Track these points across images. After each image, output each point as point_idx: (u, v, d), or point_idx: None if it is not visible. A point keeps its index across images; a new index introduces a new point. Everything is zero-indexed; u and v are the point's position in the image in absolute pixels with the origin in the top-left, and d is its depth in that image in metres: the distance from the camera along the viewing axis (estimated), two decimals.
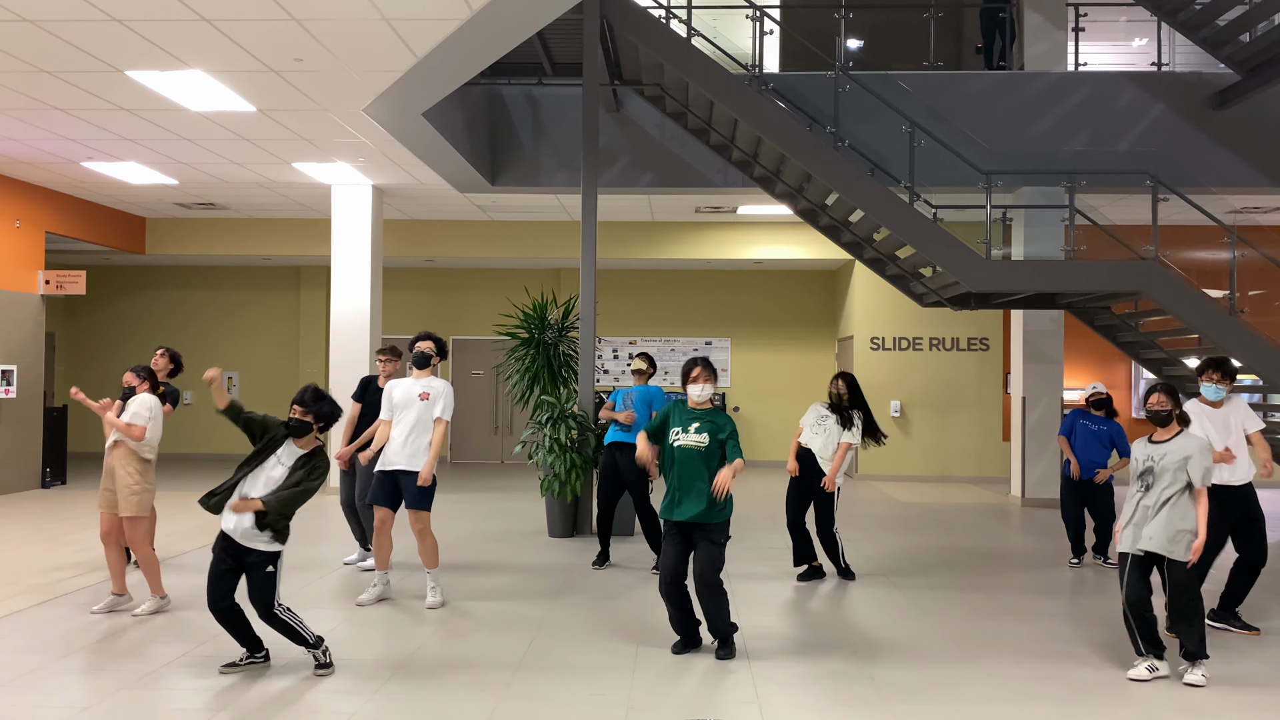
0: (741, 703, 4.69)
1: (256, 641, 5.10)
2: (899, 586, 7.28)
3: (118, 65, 7.71)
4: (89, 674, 5.00)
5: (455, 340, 17.08)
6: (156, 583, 6.28)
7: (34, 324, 12.44)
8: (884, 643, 5.77)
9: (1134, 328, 10.09)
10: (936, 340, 14.69)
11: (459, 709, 4.56)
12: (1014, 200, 11.11)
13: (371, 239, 12.30)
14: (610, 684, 4.94)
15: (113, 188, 12.52)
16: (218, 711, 4.46)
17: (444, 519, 10.32)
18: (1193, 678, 5.03)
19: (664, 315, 16.88)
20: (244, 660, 5.10)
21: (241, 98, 8.54)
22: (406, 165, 11.06)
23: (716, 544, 5.34)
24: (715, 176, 11.41)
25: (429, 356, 6.64)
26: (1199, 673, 5.05)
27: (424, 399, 6.50)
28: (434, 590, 6.56)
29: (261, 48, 7.31)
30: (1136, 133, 10.82)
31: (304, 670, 5.08)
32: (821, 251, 14.72)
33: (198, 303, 17.22)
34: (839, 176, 8.93)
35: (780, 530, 9.57)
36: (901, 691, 4.88)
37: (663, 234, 14.99)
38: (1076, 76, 10.93)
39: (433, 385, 6.54)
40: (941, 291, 10.12)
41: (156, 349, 7.29)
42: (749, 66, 9.52)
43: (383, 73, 7.89)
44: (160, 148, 10.35)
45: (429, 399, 6.49)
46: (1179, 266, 9.51)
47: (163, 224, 15.00)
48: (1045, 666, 5.32)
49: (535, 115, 11.56)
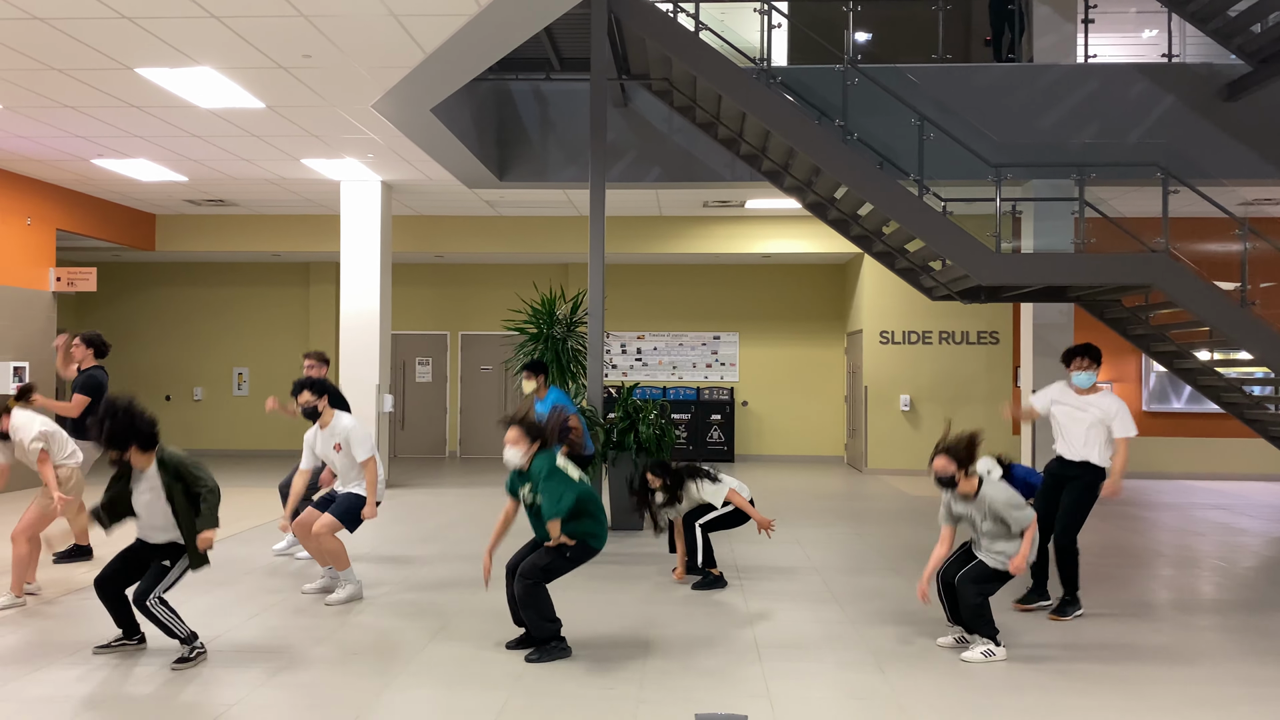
0: (752, 696, 4.70)
1: (134, 625, 5.29)
2: (909, 580, 7.27)
3: (127, 62, 7.73)
4: None
5: (464, 335, 17.11)
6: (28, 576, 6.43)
7: (45, 321, 12.49)
8: (893, 637, 5.77)
9: (1144, 321, 10.05)
10: (946, 334, 14.66)
11: (470, 704, 4.58)
12: (1023, 193, 11.07)
13: (380, 235, 12.32)
14: (620, 678, 4.95)
15: (123, 185, 12.56)
16: (263, 689, 4.48)
17: (454, 512, 10.36)
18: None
19: (672, 310, 16.87)
20: (116, 641, 5.25)
21: (251, 94, 8.56)
22: (415, 161, 11.07)
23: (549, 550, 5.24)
24: (723, 171, 11.39)
25: (314, 410, 6.41)
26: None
27: (338, 450, 6.40)
28: (343, 585, 6.47)
29: (270, 44, 7.33)
30: (1147, 125, 10.76)
31: (321, 665, 5.10)
32: (830, 245, 14.70)
33: (208, 299, 17.28)
34: (848, 170, 8.90)
35: (786, 527, 9.56)
36: (912, 686, 4.89)
37: (671, 228, 14.98)
38: (1086, 68, 10.88)
39: (338, 432, 6.37)
40: (951, 285, 10.09)
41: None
42: (757, 60, 9.49)
43: (391, 69, 7.90)
44: (170, 144, 10.38)
45: (343, 449, 6.39)
46: (1190, 259, 9.46)
47: (172, 221, 15.05)
48: (1065, 659, 5.33)
49: (543, 110, 11.56)
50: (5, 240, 11.81)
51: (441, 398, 17.10)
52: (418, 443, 17.09)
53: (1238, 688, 4.92)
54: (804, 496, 11.99)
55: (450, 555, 8.11)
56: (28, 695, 4.60)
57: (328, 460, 6.51)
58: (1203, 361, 9.67)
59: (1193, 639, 5.80)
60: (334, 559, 6.43)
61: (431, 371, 17.15)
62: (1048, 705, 4.61)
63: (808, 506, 11.13)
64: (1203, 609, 6.56)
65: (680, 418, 16.27)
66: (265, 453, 16.44)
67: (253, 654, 5.28)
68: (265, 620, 5.98)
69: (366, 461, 6.33)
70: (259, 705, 4.50)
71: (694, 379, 16.81)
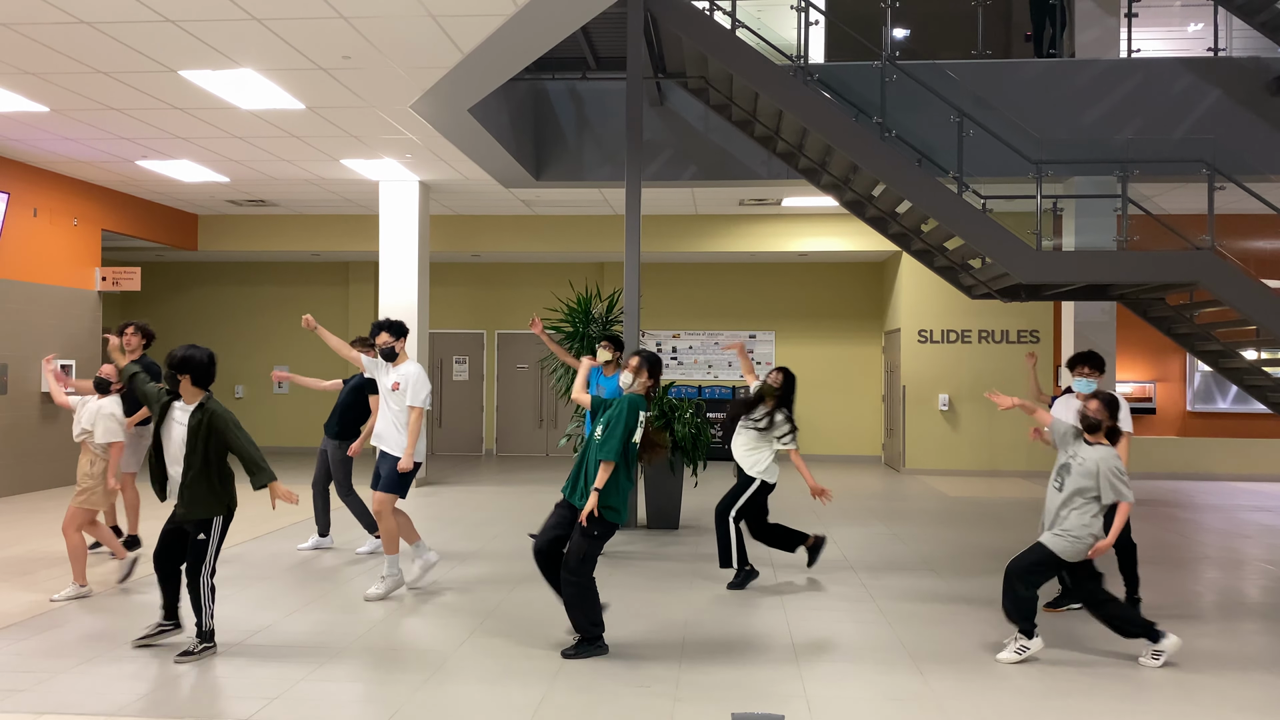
0: (789, 696, 4.68)
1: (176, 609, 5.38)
2: (947, 581, 7.21)
3: (171, 65, 7.84)
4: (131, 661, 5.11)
5: (500, 334, 17.19)
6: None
7: (91, 320, 12.72)
8: (932, 638, 5.72)
9: (1189, 319, 9.87)
10: (985, 333, 14.50)
11: (508, 699, 4.60)
12: (1065, 190, 10.92)
13: (418, 234, 12.41)
14: (657, 676, 4.95)
15: (166, 185, 12.76)
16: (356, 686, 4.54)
17: (488, 510, 10.41)
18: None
19: (708, 309, 16.84)
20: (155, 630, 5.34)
21: (291, 95, 8.65)
22: (452, 161, 11.14)
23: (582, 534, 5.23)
24: (759, 168, 11.35)
25: (392, 350, 6.59)
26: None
27: (395, 389, 6.53)
28: (381, 579, 6.51)
29: (311, 46, 7.40)
30: (1192, 120, 10.58)
31: (362, 655, 5.15)
32: (868, 243, 14.60)
33: (249, 298, 17.50)
34: (886, 167, 8.84)
35: (823, 526, 9.51)
36: (951, 689, 4.84)
37: (706, 227, 14.95)
38: (1129, 63, 10.71)
39: (402, 373, 6.56)
40: (991, 283, 9.98)
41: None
42: (794, 57, 9.45)
43: (429, 69, 7.96)
44: (212, 145, 10.52)
45: (400, 389, 6.52)
46: (1236, 256, 9.29)
47: (214, 221, 15.26)
48: (1101, 663, 5.25)
49: (579, 110, 11.58)
50: (52, 241, 12.04)
51: (478, 396, 17.20)
52: (454, 441, 17.20)
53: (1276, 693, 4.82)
54: (841, 496, 11.92)
55: (487, 553, 8.15)
56: (79, 686, 4.68)
57: (382, 395, 6.61)
58: (1250, 361, 9.48)
59: (1240, 643, 5.70)
60: (389, 540, 6.50)
61: (469, 370, 17.25)
62: (1090, 710, 4.55)
63: (845, 506, 11.07)
64: (1250, 613, 6.44)
65: (715, 417, 16.23)
66: (305, 450, 16.62)
67: (291, 650, 5.34)
68: (304, 617, 6.05)
69: (415, 408, 6.44)
70: (297, 700, 4.55)
71: (730, 378, 16.77)
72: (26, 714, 4.33)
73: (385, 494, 6.46)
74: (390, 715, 4.38)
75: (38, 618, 5.92)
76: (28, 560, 7.61)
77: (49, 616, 5.95)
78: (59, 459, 12.03)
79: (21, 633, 5.60)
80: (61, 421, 12.02)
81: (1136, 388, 14.60)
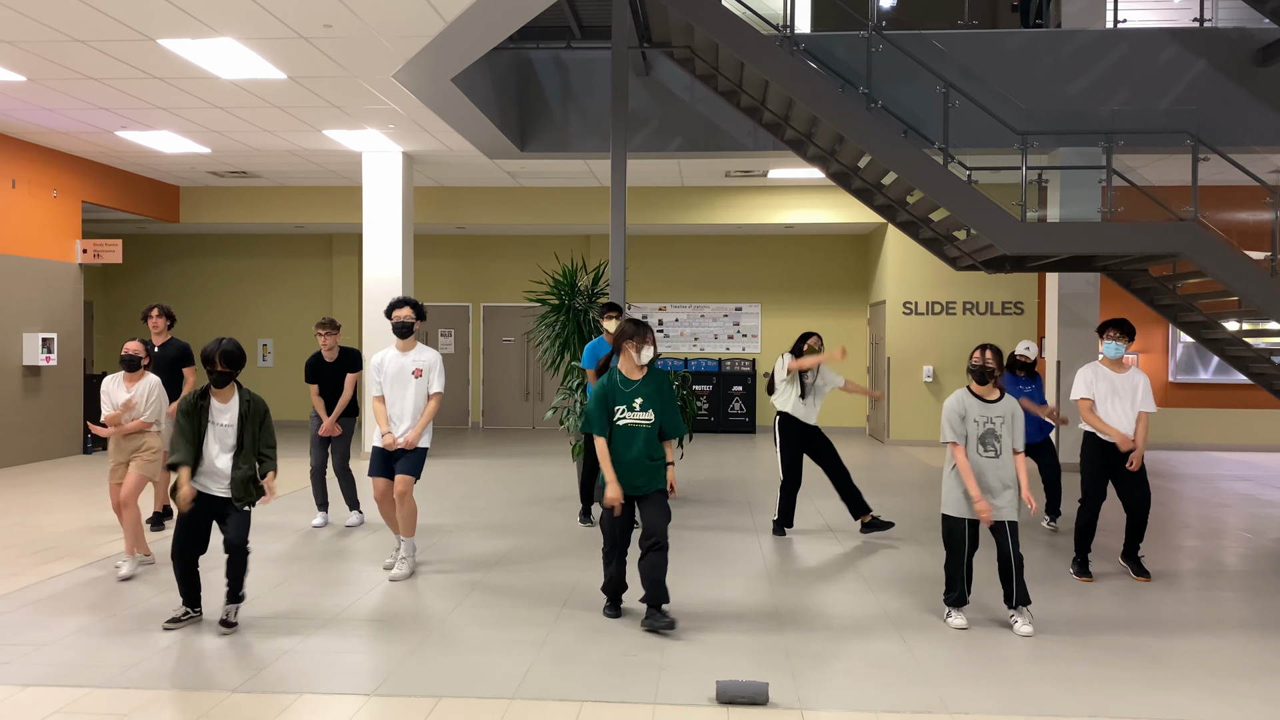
0: (774, 664, 4.72)
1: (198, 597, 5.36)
2: (930, 550, 7.27)
3: (149, 34, 7.74)
4: (126, 634, 5.12)
5: (486, 307, 17.15)
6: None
7: (72, 293, 12.62)
8: (916, 607, 5.78)
9: (1172, 290, 9.92)
10: (970, 304, 14.55)
11: (495, 670, 4.63)
12: (1050, 161, 10.94)
13: (402, 206, 12.33)
14: (642, 645, 4.99)
15: (147, 157, 12.62)
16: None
17: (475, 483, 10.42)
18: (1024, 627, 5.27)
19: (694, 281, 16.83)
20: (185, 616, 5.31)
21: (272, 65, 8.55)
22: (436, 132, 11.06)
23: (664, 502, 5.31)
24: (745, 140, 11.31)
25: (410, 325, 6.43)
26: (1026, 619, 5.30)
27: (417, 375, 6.39)
28: (403, 560, 6.43)
29: (291, 14, 7.31)
30: (1177, 91, 10.59)
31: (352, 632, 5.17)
32: (853, 215, 14.59)
33: (232, 270, 17.39)
34: (872, 138, 8.81)
35: (808, 497, 9.57)
36: (935, 655, 4.90)
37: (693, 199, 14.91)
38: (1115, 34, 10.70)
39: (423, 358, 6.42)
40: (975, 255, 9.99)
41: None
42: (780, 27, 9.39)
43: (412, 38, 7.87)
44: (193, 116, 10.40)
45: (422, 375, 6.40)
46: (1219, 228, 9.32)
47: (196, 193, 15.12)
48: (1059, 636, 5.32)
49: (564, 80, 11.50)
50: (32, 213, 11.91)
51: (464, 369, 17.17)
52: (441, 414, 17.18)
53: (1265, 658, 4.90)
54: None
55: (474, 525, 8.17)
56: (105, 660, 4.69)
57: (400, 385, 6.36)
58: (1231, 332, 9.55)
59: (1219, 610, 5.77)
60: (411, 521, 6.43)
61: (454, 343, 17.22)
62: (1071, 675, 4.61)
63: None
64: (1229, 580, 6.52)
65: (702, 389, 16.27)
66: (290, 423, 16.57)
67: (283, 620, 5.36)
68: (294, 588, 6.06)
69: (437, 395, 6.41)
70: (285, 670, 4.57)
71: (716, 350, 16.79)
72: (70, 687, 4.34)
73: (411, 476, 6.36)
74: (377, 685, 4.41)
75: (30, 589, 5.92)
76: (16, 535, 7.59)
77: (60, 588, 5.95)
78: (40, 432, 11.97)
79: (49, 607, 5.59)
80: (42, 394, 11.95)
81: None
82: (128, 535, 6.34)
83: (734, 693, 4.21)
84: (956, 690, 4.41)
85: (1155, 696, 4.36)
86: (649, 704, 4.22)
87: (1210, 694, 4.40)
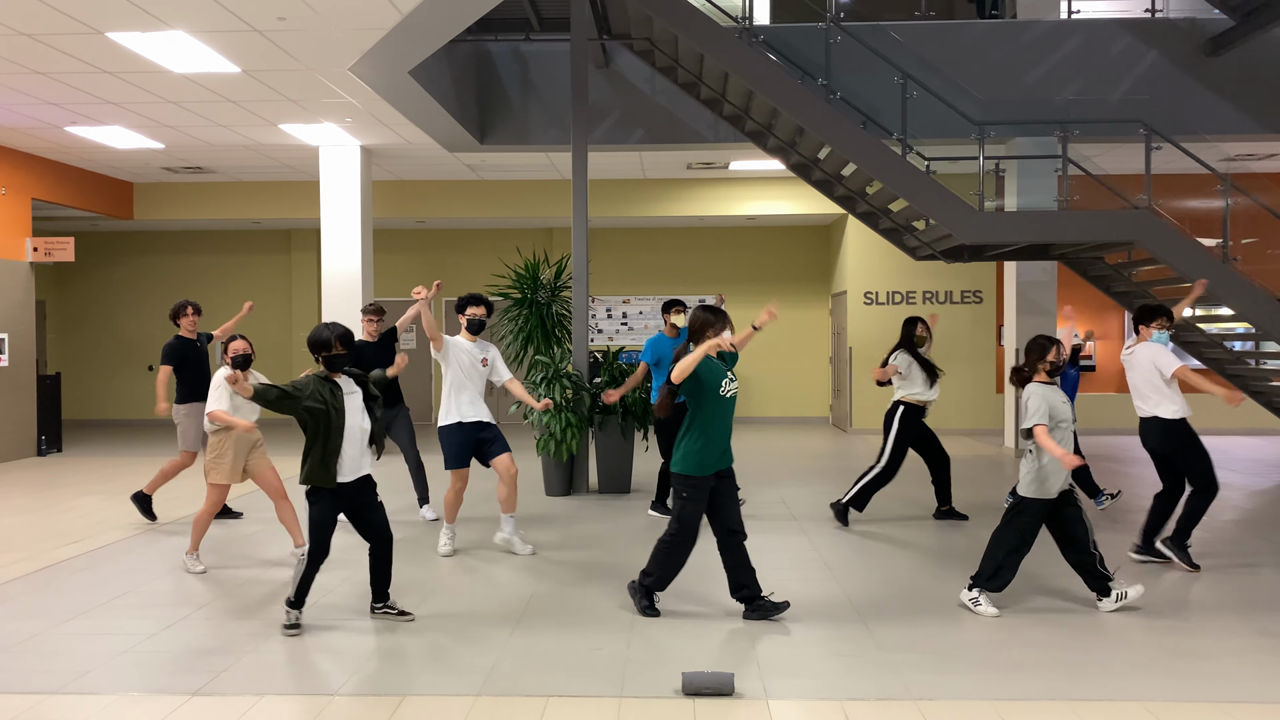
0: (739, 653, 4.73)
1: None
2: (891, 538, 7.33)
3: (97, 26, 7.59)
4: (94, 637, 5.04)
5: (449, 302, 17.03)
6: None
7: (24, 292, 12.37)
8: (878, 593, 5.82)
9: (1127, 278, 10.08)
10: (930, 293, 14.67)
11: (460, 664, 4.60)
12: (1007, 151, 11.05)
13: (361, 200, 12.21)
14: (608, 638, 4.98)
15: (98, 152, 12.39)
16: None
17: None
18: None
19: (657, 273, 16.82)
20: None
21: (225, 58, 8.42)
22: (394, 125, 10.95)
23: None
24: (707, 132, 11.32)
25: (484, 323, 6.81)
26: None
27: (484, 365, 6.77)
28: (509, 539, 6.87)
29: (244, 6, 7.20)
30: (1130, 80, 10.73)
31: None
32: (814, 206, 14.66)
33: (189, 267, 17.13)
34: (831, 130, 8.85)
35: (771, 486, 9.61)
36: (899, 640, 4.94)
37: (655, 191, 14.90)
38: (1069, 24, 10.82)
39: (489, 352, 6.82)
40: (934, 244, 10.09)
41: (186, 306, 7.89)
42: (739, 18, 9.40)
43: (367, 30, 7.79)
44: (144, 111, 10.22)
45: (489, 365, 6.79)
46: (1172, 215, 9.48)
47: (150, 189, 14.87)
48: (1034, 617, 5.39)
49: (524, 72, 11.43)
50: None
51: (426, 364, 17.05)
52: None
53: (1218, 639, 4.99)
54: (789, 456, 12.04)
55: (436, 521, 8.12)
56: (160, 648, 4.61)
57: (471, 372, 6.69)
58: (1185, 317, 9.71)
59: (1172, 591, 5.87)
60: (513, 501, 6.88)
61: (416, 338, 17.09)
62: (1025, 660, 4.67)
63: (793, 466, 11.18)
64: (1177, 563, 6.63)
65: None
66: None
67: (245, 621, 5.29)
68: (279, 575, 5.99)
69: (511, 381, 6.87)
70: (251, 670, 4.52)
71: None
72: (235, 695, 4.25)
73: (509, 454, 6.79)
74: (340, 685, 4.37)
75: None
76: None
77: None
78: (3, 432, 11.75)
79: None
80: (1, 392, 11.73)
81: None
82: (292, 528, 6.45)
83: (700, 684, 4.22)
84: (921, 677, 4.45)
85: (1116, 682, 4.42)
86: (615, 697, 4.22)
87: (1176, 676, 4.47)
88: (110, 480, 10.41)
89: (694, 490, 5.18)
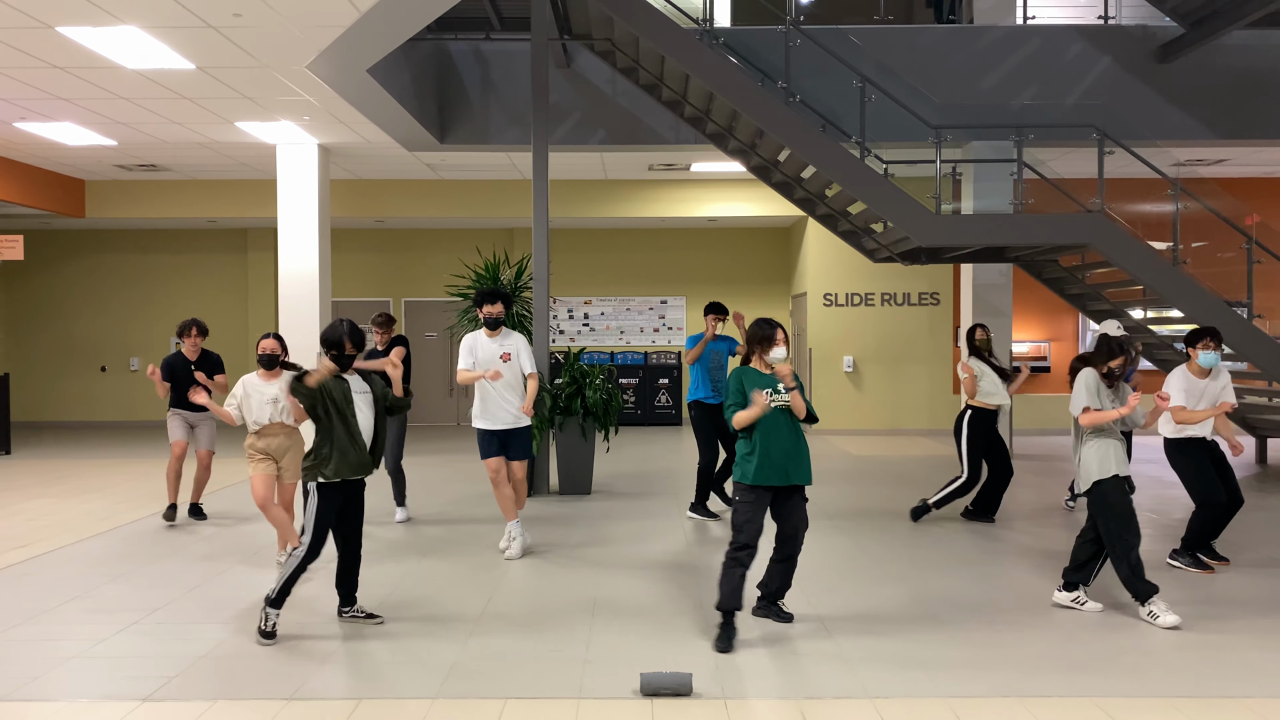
0: (697, 653, 4.74)
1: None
2: (852, 539, 7.38)
3: (47, 20, 7.44)
4: (45, 642, 4.94)
5: (408, 302, 16.91)
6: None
7: None
8: (838, 595, 5.86)
9: (1081, 280, 10.25)
10: (888, 295, 14.81)
11: (420, 663, 4.57)
12: (963, 155, 11.18)
13: (318, 199, 12.07)
14: (567, 640, 4.97)
15: (49, 149, 12.15)
16: None
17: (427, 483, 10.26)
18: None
19: (618, 274, 16.82)
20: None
21: (179, 55, 8.29)
22: (352, 123, 10.85)
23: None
24: (668, 133, 11.33)
25: (502, 320, 6.78)
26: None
27: (506, 359, 6.71)
28: (514, 540, 6.79)
29: (198, 2, 7.09)
30: (1084, 86, 10.90)
31: None
32: (775, 209, 14.73)
33: (143, 266, 16.85)
34: (790, 132, 8.91)
35: None
36: (857, 643, 4.97)
37: (616, 192, 14.89)
38: (1025, 30, 10.98)
39: (510, 343, 6.77)
40: (892, 247, 10.19)
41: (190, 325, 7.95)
42: (700, 20, 9.43)
43: (325, 28, 7.70)
44: (96, 107, 10.04)
45: (511, 359, 6.73)
46: (1125, 219, 9.65)
47: (103, 186, 14.61)
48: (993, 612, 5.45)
49: (484, 71, 11.38)
50: None
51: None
52: None
53: (1164, 636, 5.07)
54: None
55: (395, 522, 8.05)
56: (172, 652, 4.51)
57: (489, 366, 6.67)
58: (1137, 319, 9.89)
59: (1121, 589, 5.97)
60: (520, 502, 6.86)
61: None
62: (984, 658, 4.72)
63: None
64: None
65: (628, 382, 16.29)
66: None
67: (199, 624, 5.22)
68: (233, 579, 5.91)
69: (534, 375, 6.79)
70: (205, 677, 4.45)
71: (641, 344, 16.82)
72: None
73: (528, 460, 6.86)
74: (295, 689, 4.32)
75: None
76: None
77: None
78: None
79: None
80: None
81: (1032, 347, 15.11)
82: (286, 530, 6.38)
83: (658, 684, 4.22)
84: (876, 675, 4.48)
85: (1070, 678, 4.49)
86: (573, 699, 4.21)
87: (1125, 671, 4.55)
88: (60, 483, 10.22)
89: (746, 496, 5.16)
